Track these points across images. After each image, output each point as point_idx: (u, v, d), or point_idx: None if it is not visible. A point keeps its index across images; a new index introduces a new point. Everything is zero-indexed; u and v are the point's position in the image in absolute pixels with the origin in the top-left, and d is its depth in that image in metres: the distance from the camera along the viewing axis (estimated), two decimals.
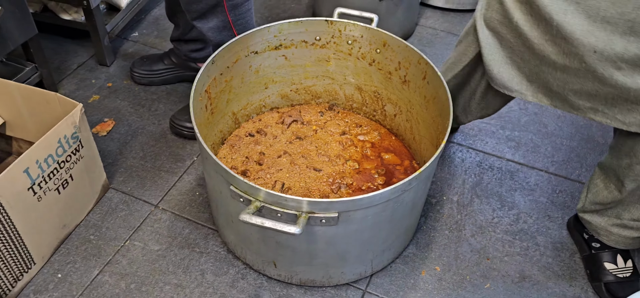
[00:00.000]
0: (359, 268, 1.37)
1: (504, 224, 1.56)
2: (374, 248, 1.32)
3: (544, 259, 1.48)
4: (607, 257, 1.39)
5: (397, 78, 1.54)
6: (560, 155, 1.76)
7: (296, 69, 1.64)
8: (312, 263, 1.30)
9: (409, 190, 1.18)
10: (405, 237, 1.43)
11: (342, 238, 1.23)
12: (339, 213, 1.12)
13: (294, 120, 1.68)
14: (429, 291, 1.40)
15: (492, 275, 1.44)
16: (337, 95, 1.72)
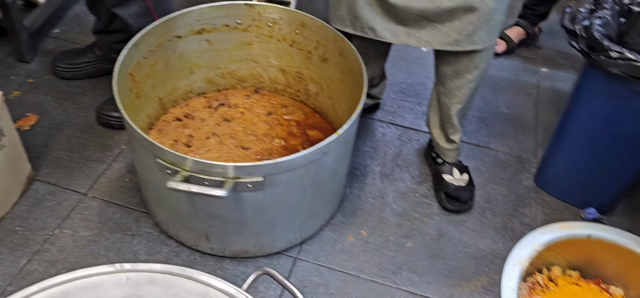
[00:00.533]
0: (288, 236, 1.43)
1: (423, 189, 1.68)
2: (301, 214, 1.40)
3: (459, 217, 1.61)
4: (446, 170, 1.62)
5: (316, 57, 1.62)
6: (471, 126, 1.91)
7: (220, 53, 1.69)
8: (243, 232, 1.35)
9: (328, 152, 1.26)
10: (331, 204, 1.51)
11: (270, 203, 1.29)
12: (265, 177, 1.18)
13: (221, 104, 1.73)
14: (356, 253, 1.49)
15: (413, 235, 1.55)
16: (261, 79, 1.78)
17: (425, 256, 1.50)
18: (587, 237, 1.30)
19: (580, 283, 1.36)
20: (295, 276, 1.43)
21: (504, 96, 2.05)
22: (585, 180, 1.58)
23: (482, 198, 1.67)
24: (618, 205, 1.68)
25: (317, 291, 1.40)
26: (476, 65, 1.41)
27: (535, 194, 1.70)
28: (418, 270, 1.47)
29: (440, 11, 1.31)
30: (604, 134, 1.44)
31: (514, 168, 1.78)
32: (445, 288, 1.43)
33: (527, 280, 1.36)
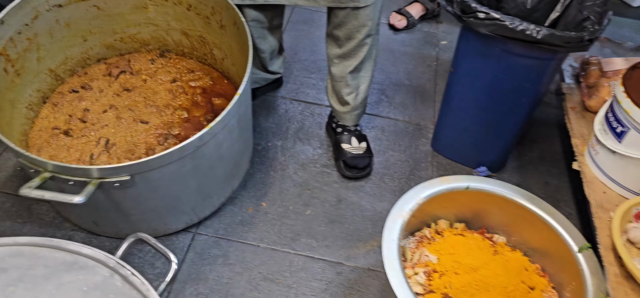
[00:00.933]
0: (182, 218, 1.43)
1: (323, 160, 1.72)
2: (191, 200, 1.38)
3: (358, 183, 1.66)
4: (345, 139, 1.68)
5: (215, 23, 1.60)
6: (373, 97, 1.97)
7: (114, 17, 1.64)
8: (131, 220, 1.34)
9: (203, 145, 1.23)
10: (228, 183, 1.51)
11: (149, 196, 1.27)
12: (132, 176, 1.15)
13: (121, 71, 1.69)
14: (255, 224, 1.52)
15: (312, 203, 1.59)
16: (166, 42, 1.75)
17: (324, 222, 1.55)
18: (466, 188, 1.37)
19: (465, 233, 1.43)
20: (194, 250, 1.43)
21: (405, 69, 2.13)
22: (474, 140, 1.67)
23: (381, 165, 1.73)
24: (508, 163, 1.78)
25: (215, 262, 1.41)
26: (363, 23, 1.45)
27: (431, 158, 1.78)
28: (317, 236, 1.51)
29: None
30: (483, 93, 1.52)
31: (412, 135, 1.85)
32: (342, 250, 1.48)
33: (416, 235, 1.42)
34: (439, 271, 1.28)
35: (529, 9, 1.57)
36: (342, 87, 1.60)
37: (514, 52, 1.39)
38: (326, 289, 1.39)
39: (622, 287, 1.15)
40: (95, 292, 0.90)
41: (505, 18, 1.31)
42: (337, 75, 1.59)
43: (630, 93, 1.26)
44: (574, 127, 1.55)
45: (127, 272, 0.93)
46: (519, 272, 1.30)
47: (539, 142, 1.87)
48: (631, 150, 1.28)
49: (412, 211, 1.30)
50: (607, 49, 1.87)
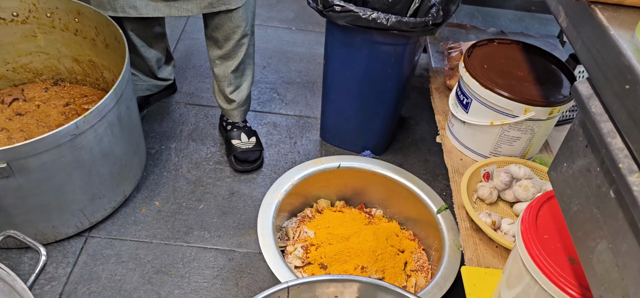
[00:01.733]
0: (71, 220, 1.45)
1: (216, 157, 1.81)
2: (77, 198, 1.41)
3: (250, 177, 1.76)
4: (235, 135, 1.77)
5: (100, 43, 1.66)
6: (265, 96, 2.08)
7: (4, 47, 1.67)
8: (15, 222, 1.36)
9: (80, 134, 1.28)
10: (117, 186, 1.53)
11: (30, 190, 1.29)
12: (8, 163, 1.19)
13: (14, 99, 1.71)
14: (149, 222, 1.58)
15: (205, 198, 1.67)
16: (58, 70, 1.79)
17: (216, 214, 1.63)
18: (338, 167, 1.50)
19: (344, 210, 1.56)
20: (86, 252, 1.48)
21: (296, 68, 2.25)
22: (354, 126, 1.80)
23: (273, 158, 1.83)
24: (392, 146, 1.93)
25: (108, 261, 1.46)
26: (237, 24, 1.55)
27: (320, 147, 1.90)
28: (209, 228, 1.58)
29: None
30: (354, 81, 1.66)
31: (303, 127, 1.97)
32: (234, 238, 1.56)
33: (298, 215, 1.53)
34: (315, 244, 1.39)
35: (390, 3, 1.72)
36: (226, 86, 1.69)
37: (372, 40, 1.53)
38: (218, 275, 1.46)
39: (472, 238, 1.31)
40: None
41: (359, 9, 1.45)
42: (220, 75, 1.68)
43: (469, 68, 1.43)
44: (437, 105, 1.71)
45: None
46: (389, 237, 1.43)
47: (420, 124, 2.04)
48: (476, 118, 1.45)
49: (286, 192, 1.41)
50: (472, 35, 2.06)
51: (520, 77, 1.44)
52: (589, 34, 0.70)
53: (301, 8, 2.67)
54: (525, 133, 1.43)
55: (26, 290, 0.95)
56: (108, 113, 1.35)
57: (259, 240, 1.27)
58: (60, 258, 1.45)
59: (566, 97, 1.40)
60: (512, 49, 1.56)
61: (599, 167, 0.66)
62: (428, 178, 1.80)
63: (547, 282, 0.89)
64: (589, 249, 0.66)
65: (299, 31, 2.46)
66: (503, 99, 1.37)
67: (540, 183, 1.39)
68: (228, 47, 1.61)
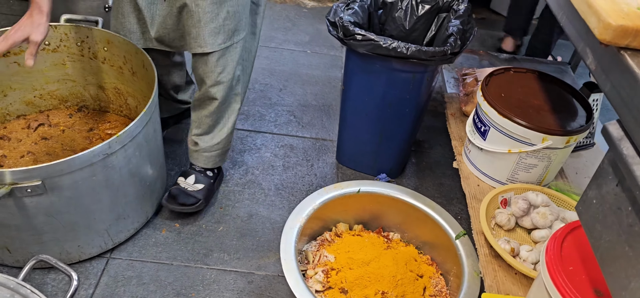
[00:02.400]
0: (96, 240, 1.49)
1: (234, 179, 1.83)
2: (104, 217, 1.45)
3: (268, 199, 1.78)
4: (185, 172, 1.70)
5: (127, 71, 1.70)
6: (282, 119, 2.11)
7: (34, 74, 1.71)
8: (43, 240, 1.39)
9: (111, 153, 1.32)
10: (141, 207, 1.57)
11: (61, 208, 1.33)
12: (43, 180, 1.23)
13: (40, 124, 1.75)
14: (169, 244, 1.60)
15: (224, 220, 1.69)
16: (83, 97, 1.83)
17: (235, 236, 1.65)
18: (358, 192, 1.52)
19: (363, 233, 1.58)
20: (108, 274, 1.50)
21: (312, 90, 2.29)
22: (371, 150, 1.83)
23: (290, 181, 1.86)
24: (407, 169, 1.96)
25: (129, 283, 1.48)
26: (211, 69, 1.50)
27: (337, 170, 1.93)
28: (229, 250, 1.61)
29: None
30: (371, 105, 1.69)
31: (319, 150, 2.00)
32: (253, 261, 1.58)
33: (317, 239, 1.55)
34: (336, 268, 1.41)
35: (408, 30, 1.76)
36: (192, 124, 1.67)
37: (392, 67, 1.56)
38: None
39: (491, 264, 1.32)
40: None
41: (379, 38, 1.49)
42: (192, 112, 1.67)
43: (487, 97, 1.46)
44: (454, 130, 1.74)
45: (27, 291, 1.00)
46: (408, 262, 1.45)
47: (434, 149, 2.07)
48: (494, 145, 1.48)
49: (308, 216, 1.43)
50: (486, 61, 2.10)
51: (536, 106, 1.47)
52: (618, 78, 0.72)
53: (316, 31, 2.72)
54: (542, 160, 1.45)
55: None
56: (138, 134, 1.39)
57: (282, 264, 1.29)
58: (82, 280, 1.47)
59: (583, 126, 1.42)
60: (528, 77, 1.59)
61: (631, 206, 0.68)
62: (443, 202, 1.82)
63: None
64: (622, 286, 0.68)
65: (314, 54, 2.50)
66: (521, 128, 1.39)
67: (557, 211, 1.41)
68: (201, 91, 1.57)
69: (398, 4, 1.78)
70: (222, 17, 1.42)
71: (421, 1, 1.76)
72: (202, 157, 1.68)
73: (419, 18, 1.78)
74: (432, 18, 1.79)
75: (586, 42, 0.83)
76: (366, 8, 1.69)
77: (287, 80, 2.33)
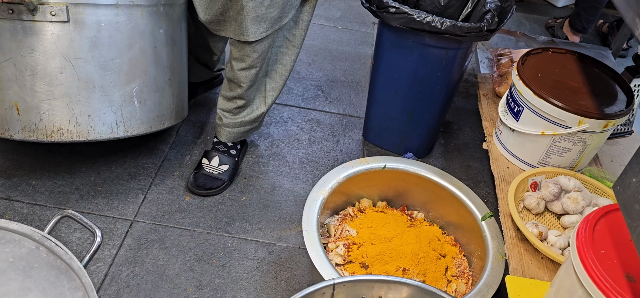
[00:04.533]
0: (108, 115, 1.38)
1: (260, 150, 1.82)
2: (120, 86, 1.36)
3: (292, 172, 1.77)
4: (209, 154, 1.69)
5: None
6: (310, 93, 2.09)
7: None
8: (54, 96, 1.30)
9: (135, 4, 1.29)
10: (158, 99, 1.47)
11: (80, 51, 1.27)
12: (67, 5, 1.21)
13: None
14: (192, 211, 1.60)
15: (247, 190, 1.69)
16: None
17: (258, 207, 1.64)
18: (383, 168, 1.49)
19: (386, 210, 1.55)
20: (131, 236, 1.51)
21: (342, 66, 2.25)
22: (399, 127, 1.79)
23: (315, 155, 1.84)
24: (434, 149, 1.91)
25: (152, 246, 1.49)
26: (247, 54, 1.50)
27: (363, 146, 1.90)
28: (251, 220, 1.60)
29: None
30: (401, 82, 1.65)
31: (346, 126, 1.97)
32: (274, 232, 1.58)
33: (340, 213, 1.53)
34: (358, 243, 1.39)
35: (443, 6, 1.71)
36: (221, 99, 1.67)
37: (424, 43, 1.52)
38: (258, 267, 1.48)
39: (517, 247, 1.29)
40: (21, 263, 0.98)
41: (413, 12, 1.44)
42: (221, 88, 1.68)
43: (522, 76, 1.41)
44: (485, 111, 1.69)
45: (51, 243, 1.00)
46: (431, 241, 1.42)
47: (464, 130, 2.02)
48: (526, 127, 1.43)
49: (332, 189, 1.41)
50: (522, 42, 2.03)
51: (574, 88, 1.41)
52: None
53: (348, 7, 2.68)
54: (576, 145, 1.40)
55: (82, 269, 0.97)
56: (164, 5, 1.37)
57: (304, 235, 1.28)
58: (106, 240, 1.49)
59: (623, 111, 1.36)
60: (566, 58, 1.53)
61: None
62: (469, 184, 1.77)
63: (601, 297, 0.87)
64: None
65: (345, 30, 2.47)
66: (557, 109, 1.34)
67: (589, 197, 1.35)
68: (233, 71, 1.54)
69: None
70: (266, 5, 1.38)
71: None
72: (225, 132, 1.68)
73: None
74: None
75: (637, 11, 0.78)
76: None
77: (316, 54, 2.31)
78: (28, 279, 0.97)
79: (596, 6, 2.41)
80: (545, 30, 2.69)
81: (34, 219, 1.51)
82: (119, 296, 1.36)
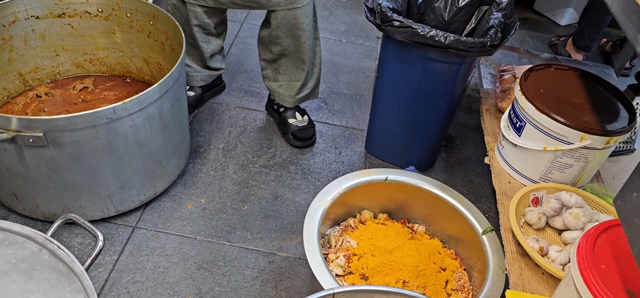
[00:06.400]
0: (98, 205, 1.48)
1: (262, 160, 1.83)
2: (107, 183, 1.44)
3: (294, 182, 1.77)
4: (289, 114, 1.90)
5: (168, 48, 1.71)
6: (313, 105, 2.10)
7: (85, 39, 1.75)
8: (47, 194, 1.41)
9: (116, 119, 1.31)
10: (149, 181, 1.55)
11: (63, 164, 1.34)
12: (45, 133, 1.24)
13: (85, 87, 1.79)
14: (194, 219, 1.61)
15: (249, 200, 1.69)
16: (129, 68, 1.85)
17: (259, 217, 1.65)
18: (385, 180, 1.50)
19: (387, 223, 1.55)
20: (132, 242, 1.51)
21: (345, 79, 2.27)
22: (401, 141, 1.80)
23: (317, 166, 1.84)
24: (436, 164, 1.92)
25: (153, 253, 1.49)
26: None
27: (365, 159, 1.91)
28: (252, 229, 1.60)
29: None
30: (404, 95, 1.66)
31: (348, 138, 1.98)
32: (275, 242, 1.58)
33: (341, 224, 1.54)
34: (358, 254, 1.39)
35: (447, 21, 1.73)
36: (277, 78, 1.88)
37: (428, 57, 1.53)
38: (258, 276, 1.48)
39: (518, 262, 1.28)
40: (23, 264, 0.98)
41: (417, 26, 1.46)
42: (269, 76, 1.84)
43: (525, 91, 1.42)
44: (487, 126, 1.70)
45: (54, 246, 1.01)
46: (432, 254, 1.42)
47: (466, 145, 2.02)
48: (528, 142, 1.43)
49: (333, 200, 1.41)
50: (525, 59, 2.04)
51: (576, 104, 1.42)
52: None
53: (352, 21, 2.70)
54: (578, 161, 1.40)
55: (84, 272, 0.98)
56: (149, 106, 1.37)
57: (304, 245, 1.28)
58: (108, 246, 1.50)
59: (624, 128, 1.36)
60: (569, 75, 1.54)
61: None
62: (471, 199, 1.78)
63: None
64: None
65: (349, 43, 2.49)
66: (559, 125, 1.35)
67: (591, 213, 1.35)
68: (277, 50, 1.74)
69: None
70: None
71: None
72: (293, 100, 1.88)
73: (459, 9, 1.74)
74: (473, 10, 1.74)
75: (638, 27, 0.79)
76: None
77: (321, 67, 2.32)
78: (30, 281, 0.97)
79: (599, 25, 2.43)
80: (549, 47, 2.71)
81: (37, 223, 1.51)
82: None
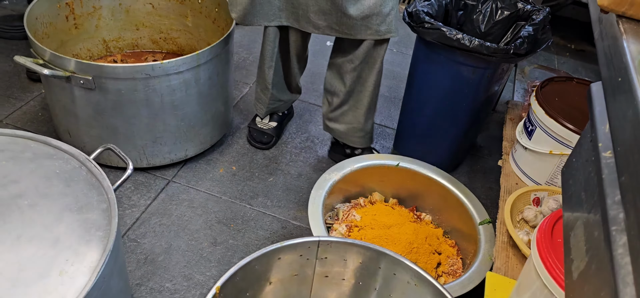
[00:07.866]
0: (132, 153, 1.65)
1: (295, 142, 1.98)
2: (142, 134, 1.61)
3: (320, 165, 1.90)
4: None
5: None
6: None
7: (162, 19, 2.00)
8: (91, 132, 1.61)
9: (154, 76, 1.47)
10: (180, 143, 1.70)
11: (106, 108, 1.53)
12: (93, 77, 1.44)
13: (155, 60, 2.04)
14: (223, 182, 1.78)
15: (276, 173, 1.84)
16: (196, 49, 2.04)
17: (282, 189, 1.79)
18: (397, 165, 1.59)
19: (395, 207, 1.64)
20: (166, 192, 1.70)
21: (389, 83, 2.39)
22: (427, 140, 1.88)
23: None
24: (460, 168, 1.98)
25: (181, 204, 1.67)
26: None
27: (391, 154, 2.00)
28: (273, 197, 1.75)
29: None
30: (430, 96, 1.75)
31: (380, 135, 2.09)
32: (291, 211, 1.71)
33: (352, 201, 1.65)
34: (359, 226, 1.50)
35: (483, 32, 1.80)
36: None
37: (455, 59, 1.61)
38: (269, 237, 1.62)
39: (506, 251, 1.34)
40: (64, 175, 1.18)
41: (446, 28, 1.55)
42: None
43: (539, 97, 1.47)
44: (507, 132, 1.75)
45: (92, 165, 1.20)
46: (429, 237, 1.50)
47: (493, 156, 2.07)
48: (537, 145, 1.48)
49: (343, 175, 1.53)
50: None
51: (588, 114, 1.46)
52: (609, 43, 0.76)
53: (406, 34, 2.81)
54: None
55: (111, 188, 1.15)
56: (186, 71, 1.53)
57: (308, 207, 1.41)
58: (144, 192, 1.69)
59: None
60: None
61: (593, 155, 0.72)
62: (487, 204, 1.82)
63: (555, 286, 0.93)
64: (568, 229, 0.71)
65: (399, 53, 2.60)
66: (565, 130, 1.39)
67: None
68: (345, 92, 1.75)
69: (478, 6, 1.82)
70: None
71: (501, 7, 1.79)
72: (358, 138, 1.81)
73: (496, 23, 1.81)
74: (510, 25, 1.81)
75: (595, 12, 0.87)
76: (443, 5, 1.76)
77: None
78: (67, 188, 1.16)
79: None
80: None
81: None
82: (144, 236, 1.55)
